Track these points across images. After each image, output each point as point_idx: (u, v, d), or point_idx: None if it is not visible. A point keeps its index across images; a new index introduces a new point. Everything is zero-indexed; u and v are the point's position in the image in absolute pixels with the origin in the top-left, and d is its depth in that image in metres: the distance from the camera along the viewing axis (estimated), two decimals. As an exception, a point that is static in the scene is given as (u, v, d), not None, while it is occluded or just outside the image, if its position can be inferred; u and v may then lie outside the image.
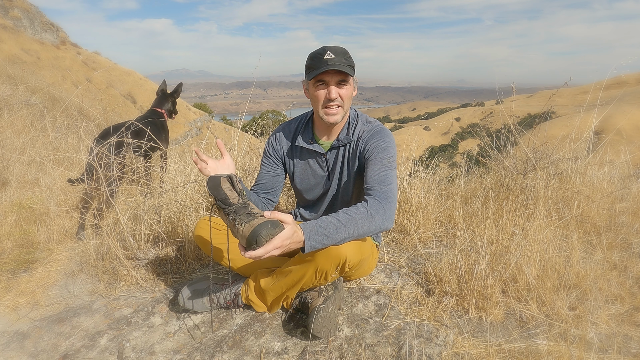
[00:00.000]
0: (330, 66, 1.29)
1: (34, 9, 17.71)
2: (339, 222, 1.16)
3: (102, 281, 1.72)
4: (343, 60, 1.32)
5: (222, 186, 1.18)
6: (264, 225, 1.05)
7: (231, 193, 1.17)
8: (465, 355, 1.22)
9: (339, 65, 1.30)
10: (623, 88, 9.17)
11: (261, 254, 1.05)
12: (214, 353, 1.29)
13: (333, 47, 1.34)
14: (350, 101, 1.41)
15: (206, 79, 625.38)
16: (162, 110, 2.86)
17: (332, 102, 1.35)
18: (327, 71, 1.32)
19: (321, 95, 1.36)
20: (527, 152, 2.33)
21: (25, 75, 6.96)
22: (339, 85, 1.35)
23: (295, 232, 1.10)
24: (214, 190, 1.18)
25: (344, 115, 1.41)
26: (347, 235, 1.17)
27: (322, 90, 1.36)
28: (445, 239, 1.97)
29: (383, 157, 1.36)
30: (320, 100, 1.37)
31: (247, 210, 1.12)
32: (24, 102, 4.59)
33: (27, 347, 1.36)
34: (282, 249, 1.08)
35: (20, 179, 2.68)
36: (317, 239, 1.13)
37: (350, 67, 1.34)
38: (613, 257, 1.72)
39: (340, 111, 1.38)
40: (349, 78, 1.36)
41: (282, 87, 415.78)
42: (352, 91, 1.40)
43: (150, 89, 18.63)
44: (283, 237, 1.07)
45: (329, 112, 1.37)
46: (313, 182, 1.57)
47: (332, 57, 1.31)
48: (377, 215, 1.20)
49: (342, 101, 1.37)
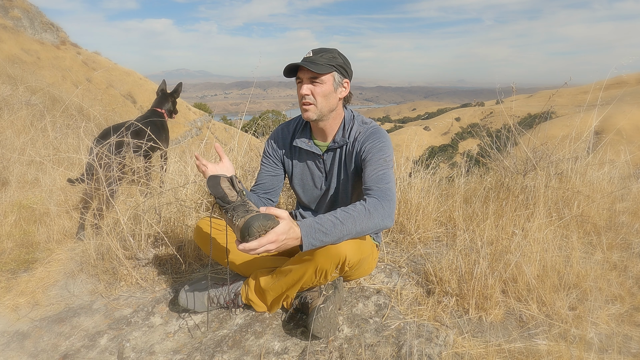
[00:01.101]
0: (301, 63, 1.32)
1: (34, 9, 17.71)
2: (336, 219, 1.16)
3: (102, 281, 1.72)
4: (319, 59, 1.33)
5: (222, 185, 1.20)
6: (257, 217, 1.06)
7: (230, 192, 1.19)
8: (465, 355, 1.22)
9: (308, 63, 1.31)
10: (623, 88, 9.17)
11: (255, 246, 1.05)
12: (214, 353, 1.29)
13: (318, 48, 1.36)
14: (326, 100, 1.38)
15: (206, 79, 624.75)
16: (162, 110, 2.86)
17: (304, 99, 1.37)
18: (301, 68, 1.35)
19: (298, 91, 1.39)
20: (527, 152, 2.33)
21: (25, 75, 6.96)
22: (312, 82, 1.35)
23: (291, 227, 1.10)
24: (213, 189, 1.20)
25: (321, 114, 1.40)
26: (346, 233, 1.17)
27: (299, 86, 1.39)
28: (445, 239, 1.97)
29: (380, 157, 1.36)
30: (299, 97, 1.40)
31: (245, 208, 1.14)
32: (24, 102, 4.59)
33: (27, 347, 1.36)
34: (278, 244, 1.08)
35: (20, 179, 2.69)
36: (315, 235, 1.13)
37: (329, 66, 1.34)
38: (613, 257, 1.72)
39: (313, 109, 1.38)
40: (321, 76, 1.34)
41: (282, 87, 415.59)
42: (330, 90, 1.37)
43: (150, 89, 18.63)
44: (278, 231, 1.07)
45: (303, 107, 1.40)
46: (311, 183, 1.57)
47: (309, 55, 1.34)
48: (375, 213, 1.20)
49: (314, 99, 1.36)
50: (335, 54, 1.37)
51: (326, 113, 1.40)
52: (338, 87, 1.40)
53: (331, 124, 1.46)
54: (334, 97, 1.40)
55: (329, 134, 1.48)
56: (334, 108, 1.42)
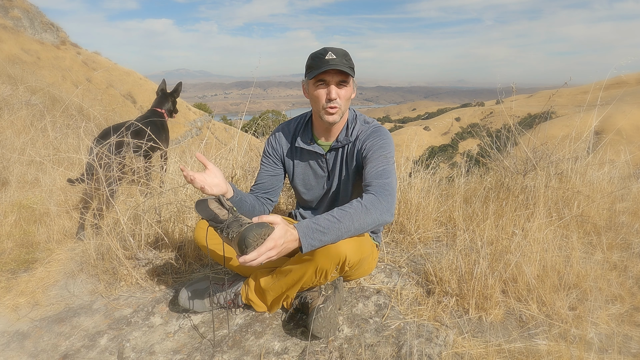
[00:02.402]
0: (332, 66, 1.30)
1: (34, 9, 17.71)
2: (332, 218, 1.16)
3: (102, 281, 1.72)
4: (344, 61, 1.33)
5: (210, 207, 1.22)
6: (250, 228, 1.06)
7: (220, 211, 1.20)
8: (465, 355, 1.22)
9: (340, 65, 1.31)
10: (623, 88, 9.16)
11: (254, 256, 1.04)
12: (214, 353, 1.29)
13: (334, 48, 1.34)
14: (348, 102, 1.41)
15: (206, 79, 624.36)
16: (162, 110, 2.86)
17: (332, 102, 1.36)
18: (328, 71, 1.32)
19: (321, 94, 1.37)
20: (527, 152, 2.33)
21: (25, 75, 6.96)
22: (339, 85, 1.36)
23: (287, 230, 1.11)
24: (202, 213, 1.22)
25: (342, 116, 1.42)
26: (344, 230, 1.16)
27: (322, 89, 1.36)
28: (445, 239, 1.97)
29: (380, 155, 1.36)
30: (321, 100, 1.37)
31: (239, 222, 1.13)
32: (24, 102, 4.59)
33: (27, 347, 1.36)
34: (278, 250, 1.08)
35: (20, 179, 2.69)
36: (313, 235, 1.13)
37: (351, 69, 1.35)
38: (613, 257, 1.72)
39: (339, 112, 1.39)
40: (349, 79, 1.37)
41: (282, 87, 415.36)
42: (351, 93, 1.41)
43: (150, 89, 18.63)
44: (275, 237, 1.07)
45: (328, 111, 1.38)
46: (313, 182, 1.57)
47: (333, 57, 1.32)
48: (373, 209, 1.20)
49: (340, 102, 1.37)
50: (349, 55, 1.38)
51: (343, 115, 1.42)
52: (355, 89, 1.43)
53: (341, 124, 1.48)
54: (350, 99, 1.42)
55: (334, 133, 1.49)
56: (347, 109, 1.45)
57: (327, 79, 1.34)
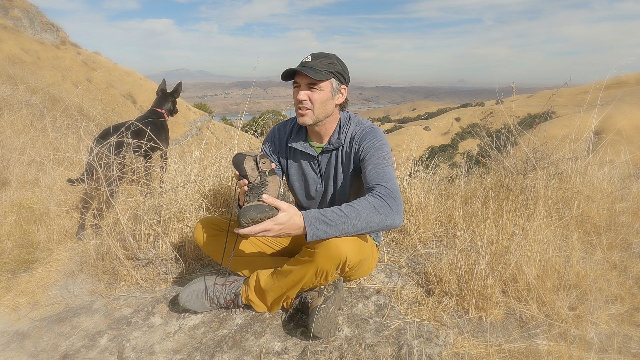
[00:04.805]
0: (299, 68, 1.32)
1: (34, 9, 17.71)
2: (340, 212, 1.17)
3: (102, 281, 1.72)
4: (319, 64, 1.33)
5: (245, 164, 1.24)
6: (251, 208, 1.12)
7: (252, 172, 1.24)
8: (465, 355, 1.22)
9: (306, 69, 1.32)
10: (623, 88, 9.18)
11: (247, 232, 1.12)
12: (214, 353, 1.29)
13: (317, 53, 1.37)
14: (323, 106, 1.38)
15: (206, 79, 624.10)
16: (162, 110, 2.86)
17: (301, 104, 1.37)
18: (298, 73, 1.35)
19: (295, 96, 1.39)
20: (527, 152, 2.33)
21: (25, 75, 6.95)
22: (309, 88, 1.36)
23: (291, 218, 1.14)
24: (236, 166, 1.26)
25: (318, 120, 1.41)
26: (350, 226, 1.16)
27: (296, 91, 1.39)
28: (445, 239, 1.97)
29: (379, 156, 1.36)
30: (295, 101, 1.40)
31: (260, 190, 1.18)
32: (24, 102, 4.59)
33: (27, 347, 1.36)
34: (275, 233, 1.14)
35: (20, 179, 2.68)
36: (319, 226, 1.14)
37: (328, 72, 1.34)
38: (613, 257, 1.72)
39: (310, 114, 1.38)
40: (319, 83, 1.35)
41: (282, 87, 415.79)
42: (327, 96, 1.38)
43: (150, 89, 18.63)
44: (276, 220, 1.13)
45: (299, 112, 1.40)
46: (307, 184, 1.57)
47: (308, 60, 1.34)
48: (381, 210, 1.19)
49: (311, 105, 1.37)
50: (334, 60, 1.37)
51: (322, 118, 1.42)
52: (335, 93, 1.41)
53: (327, 127, 1.47)
54: (331, 103, 1.40)
55: (325, 136, 1.49)
56: (330, 114, 1.43)
57: (297, 81, 1.37)
